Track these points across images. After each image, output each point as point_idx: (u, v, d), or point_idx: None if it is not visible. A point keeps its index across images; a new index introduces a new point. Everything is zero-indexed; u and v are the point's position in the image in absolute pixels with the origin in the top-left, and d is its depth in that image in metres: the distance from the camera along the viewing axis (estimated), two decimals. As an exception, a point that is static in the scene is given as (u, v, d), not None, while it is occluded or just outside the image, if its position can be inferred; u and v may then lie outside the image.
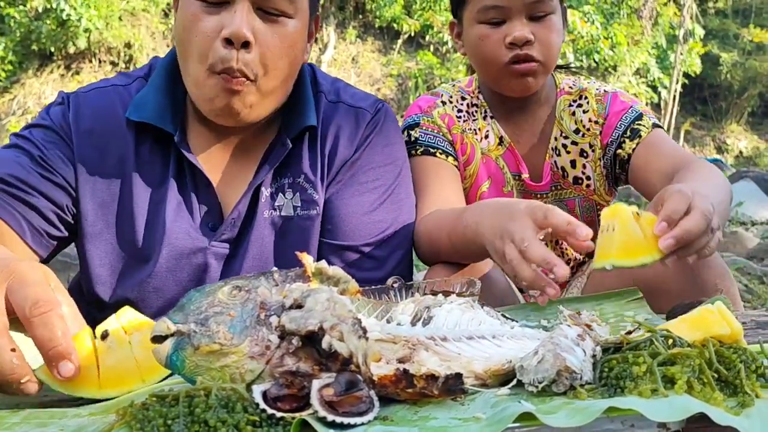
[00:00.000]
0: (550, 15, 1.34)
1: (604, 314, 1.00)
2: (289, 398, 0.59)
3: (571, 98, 1.48)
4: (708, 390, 0.61)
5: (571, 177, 1.46)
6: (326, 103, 1.24)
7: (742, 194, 6.08)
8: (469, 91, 1.50)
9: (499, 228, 0.96)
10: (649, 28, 11.22)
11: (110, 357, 0.72)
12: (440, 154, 1.39)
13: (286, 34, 1.09)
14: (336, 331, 0.61)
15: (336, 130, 1.22)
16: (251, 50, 1.05)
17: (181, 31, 1.09)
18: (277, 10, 1.08)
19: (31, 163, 1.10)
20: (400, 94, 10.72)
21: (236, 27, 1.03)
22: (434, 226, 1.22)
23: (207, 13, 1.06)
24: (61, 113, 1.16)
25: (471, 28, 1.37)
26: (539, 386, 0.63)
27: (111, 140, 1.15)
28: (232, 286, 0.69)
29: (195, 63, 1.08)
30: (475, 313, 0.77)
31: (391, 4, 9.99)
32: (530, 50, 1.31)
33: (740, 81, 12.54)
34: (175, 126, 1.15)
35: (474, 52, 1.39)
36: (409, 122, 1.45)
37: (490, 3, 1.32)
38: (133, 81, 1.21)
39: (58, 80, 9.61)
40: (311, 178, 1.19)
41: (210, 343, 0.64)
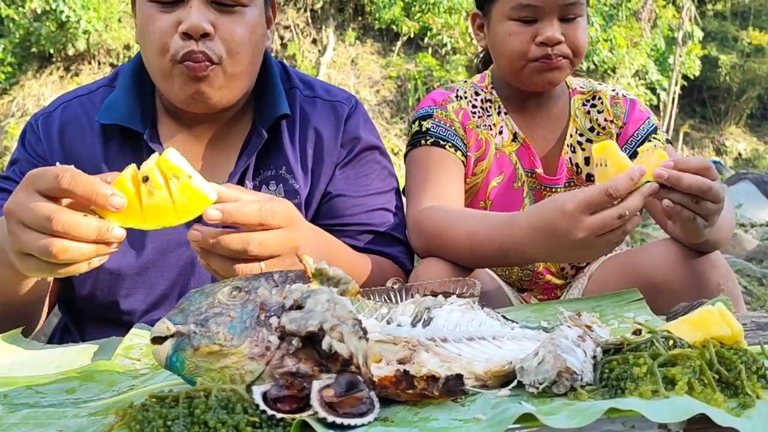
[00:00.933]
0: (579, 17, 1.35)
1: (604, 315, 1.00)
2: (289, 399, 0.59)
3: (584, 98, 1.50)
4: (709, 391, 0.61)
5: (584, 174, 1.47)
6: (302, 97, 1.27)
7: (742, 196, 6.08)
8: (483, 87, 1.50)
9: (563, 251, 1.02)
10: (648, 31, 11.23)
11: (150, 198, 0.79)
12: (449, 148, 1.39)
13: (244, 22, 1.11)
14: (336, 332, 0.61)
15: (316, 124, 1.25)
16: (212, 38, 1.07)
17: (140, 33, 1.12)
18: (231, 1, 1.09)
19: None
20: (399, 95, 10.71)
21: (193, 20, 1.05)
22: (447, 225, 1.21)
23: (163, 12, 1.08)
24: (35, 142, 1.21)
25: (500, 23, 1.37)
26: (540, 387, 0.62)
27: (79, 149, 1.18)
28: (232, 287, 0.69)
29: (156, 57, 1.10)
30: (475, 315, 0.77)
31: (391, 6, 9.99)
32: (559, 49, 1.34)
33: (739, 83, 12.55)
34: (144, 124, 1.17)
35: (500, 46, 1.39)
36: (422, 113, 1.45)
37: (525, 1, 1.33)
38: (96, 89, 1.25)
39: (58, 82, 9.61)
40: (292, 168, 1.22)
41: (210, 344, 0.64)
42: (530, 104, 1.47)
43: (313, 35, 10.89)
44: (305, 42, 10.79)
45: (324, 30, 10.91)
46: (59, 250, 0.77)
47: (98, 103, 1.21)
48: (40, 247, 0.78)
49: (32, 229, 0.79)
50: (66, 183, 0.77)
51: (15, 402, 0.71)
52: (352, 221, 1.24)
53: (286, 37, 10.59)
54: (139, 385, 0.76)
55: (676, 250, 1.23)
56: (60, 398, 0.73)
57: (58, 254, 0.77)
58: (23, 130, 1.24)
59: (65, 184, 0.77)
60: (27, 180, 0.81)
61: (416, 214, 1.28)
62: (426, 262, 1.21)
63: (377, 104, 10.41)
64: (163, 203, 0.78)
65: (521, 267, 1.47)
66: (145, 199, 0.78)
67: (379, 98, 10.61)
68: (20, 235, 0.79)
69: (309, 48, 10.83)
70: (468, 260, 1.19)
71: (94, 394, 0.73)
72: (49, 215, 0.77)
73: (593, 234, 0.97)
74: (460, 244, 1.17)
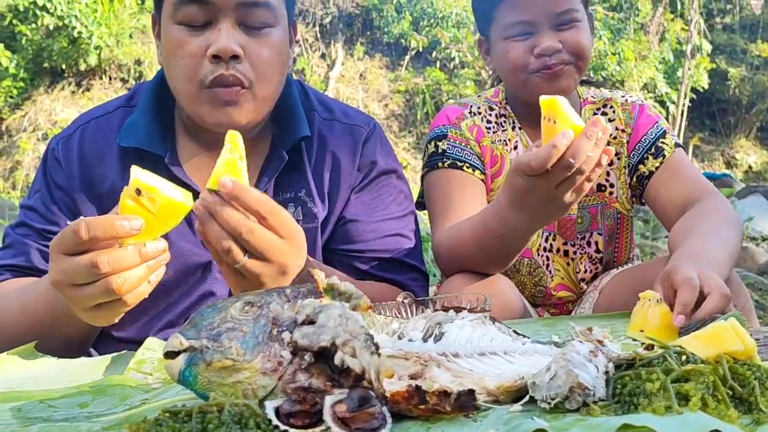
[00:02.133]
0: (576, 22, 1.35)
1: (615, 332, 0.99)
2: (301, 414, 0.59)
3: (595, 107, 1.50)
4: (722, 407, 0.61)
5: (595, 184, 1.47)
6: (320, 120, 1.27)
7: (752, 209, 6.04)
8: (497, 102, 1.50)
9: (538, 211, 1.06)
10: (656, 44, 11.23)
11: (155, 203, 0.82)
12: (467, 168, 1.39)
13: (272, 43, 1.11)
14: (348, 347, 0.61)
15: (334, 147, 1.24)
16: (241, 61, 1.07)
17: (167, 56, 1.11)
18: (260, 23, 1.10)
19: (38, 240, 1.17)
20: (407, 109, 10.75)
21: (223, 43, 1.05)
22: (457, 238, 1.24)
23: (191, 35, 1.08)
24: (54, 170, 1.21)
25: (498, 44, 1.38)
26: (552, 403, 0.62)
27: (99, 172, 1.19)
28: (245, 302, 0.69)
29: (185, 83, 1.10)
30: (486, 329, 0.77)
31: (399, 21, 10.05)
32: (559, 57, 1.33)
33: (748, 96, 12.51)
34: (165, 147, 1.17)
35: (502, 65, 1.40)
36: (437, 133, 1.45)
37: (516, 18, 1.33)
38: (114, 109, 1.25)
39: (69, 97, 9.70)
40: (311, 191, 1.22)
41: (222, 358, 0.64)
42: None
43: (321, 50, 10.97)
44: (314, 57, 10.86)
45: (333, 44, 10.98)
46: (119, 285, 0.81)
47: (116, 125, 1.21)
48: (102, 292, 0.82)
49: (85, 284, 0.83)
50: (85, 233, 0.81)
51: (29, 416, 0.72)
52: (365, 247, 1.24)
53: (295, 51, 10.65)
54: (151, 400, 0.76)
55: None
56: (73, 412, 0.73)
57: (119, 289, 0.82)
58: (44, 154, 1.24)
59: (84, 235, 0.81)
60: (53, 249, 0.85)
61: (436, 239, 1.30)
62: (452, 278, 1.22)
63: (386, 118, 10.44)
64: (169, 203, 0.83)
65: (534, 284, 1.47)
66: (152, 207, 0.82)
67: (388, 112, 10.65)
68: (79, 294, 0.84)
69: (318, 62, 10.90)
70: (482, 262, 1.20)
71: (106, 408, 0.74)
72: (91, 264, 0.81)
73: (549, 188, 1.00)
74: (471, 250, 1.19)
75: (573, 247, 1.48)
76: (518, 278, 1.47)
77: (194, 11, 1.07)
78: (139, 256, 0.82)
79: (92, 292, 0.83)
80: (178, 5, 1.07)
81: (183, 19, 1.08)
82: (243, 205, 0.85)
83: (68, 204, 1.19)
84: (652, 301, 0.97)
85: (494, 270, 1.24)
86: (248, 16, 1.08)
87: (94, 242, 0.81)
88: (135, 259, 0.82)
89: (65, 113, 9.28)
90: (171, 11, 1.09)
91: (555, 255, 1.47)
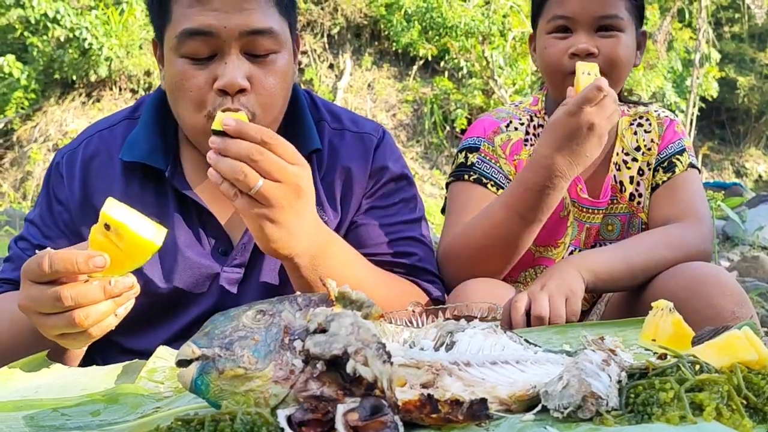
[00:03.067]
0: (618, 32, 1.34)
1: (627, 341, 0.99)
2: (313, 423, 0.59)
3: (631, 118, 1.50)
4: (737, 417, 0.60)
5: (627, 193, 1.47)
6: (330, 130, 1.26)
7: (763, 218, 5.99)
8: (536, 111, 1.49)
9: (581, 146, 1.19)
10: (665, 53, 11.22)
11: (122, 239, 0.83)
12: (491, 186, 1.39)
13: (277, 70, 1.10)
14: (360, 355, 0.61)
15: (345, 157, 1.24)
16: (247, 94, 1.06)
17: (172, 88, 1.10)
18: (265, 50, 1.08)
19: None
20: (415, 119, 10.77)
21: (230, 78, 1.04)
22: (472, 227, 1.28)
23: (197, 68, 1.06)
24: (56, 185, 1.22)
25: (541, 38, 1.39)
26: (564, 412, 0.62)
27: (100, 187, 1.19)
28: (256, 311, 0.69)
29: (191, 115, 1.09)
30: (498, 338, 0.77)
31: (408, 30, 10.08)
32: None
33: (758, 105, 12.46)
34: (167, 161, 1.17)
35: (540, 61, 1.41)
36: (470, 144, 1.44)
37: (558, 12, 1.34)
38: (118, 122, 1.24)
39: (80, 108, 9.78)
40: (322, 202, 1.21)
41: (234, 367, 0.64)
42: None
43: (330, 60, 11.01)
44: (322, 67, 10.90)
45: (341, 55, 11.03)
46: (81, 320, 0.83)
47: (119, 138, 1.21)
48: (66, 325, 0.84)
49: (50, 314, 0.85)
50: (47, 267, 0.82)
51: (41, 424, 0.72)
52: (376, 251, 1.23)
53: (303, 62, 10.71)
54: (163, 408, 0.76)
55: (688, 279, 1.21)
56: (85, 420, 0.73)
57: (82, 323, 0.83)
58: (49, 168, 1.24)
59: (47, 268, 0.82)
60: (23, 274, 0.87)
61: (445, 242, 1.32)
62: (466, 282, 1.21)
63: (393, 128, 10.46)
64: (136, 238, 0.83)
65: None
66: (119, 243, 0.83)
67: (396, 122, 10.67)
68: (45, 323, 0.86)
69: (326, 73, 10.94)
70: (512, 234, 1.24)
71: (119, 417, 0.74)
72: (55, 297, 0.82)
73: (594, 115, 1.15)
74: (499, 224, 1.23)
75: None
76: None
77: (199, 45, 1.05)
78: (103, 293, 0.83)
79: (56, 322, 0.85)
80: (181, 39, 1.05)
81: (187, 52, 1.06)
82: (248, 138, 0.90)
83: (67, 220, 1.19)
84: (664, 310, 0.97)
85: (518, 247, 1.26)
86: (253, 45, 1.06)
87: (57, 275, 0.83)
88: (99, 294, 0.83)
89: (75, 124, 9.35)
90: (174, 44, 1.07)
91: None
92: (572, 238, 1.44)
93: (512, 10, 9.36)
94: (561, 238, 1.43)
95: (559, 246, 1.44)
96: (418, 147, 10.43)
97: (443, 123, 10.35)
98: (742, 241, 5.53)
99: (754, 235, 5.62)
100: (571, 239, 1.43)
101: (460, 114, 9.80)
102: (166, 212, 1.18)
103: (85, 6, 9.42)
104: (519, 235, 1.24)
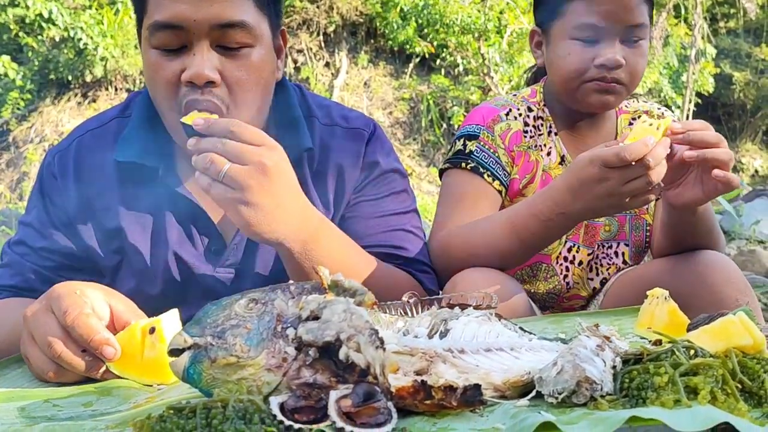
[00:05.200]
0: (642, 41, 1.32)
1: (623, 329, 0.99)
2: (306, 410, 0.58)
3: (630, 116, 1.48)
4: (732, 400, 0.60)
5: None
6: (321, 126, 1.25)
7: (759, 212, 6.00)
8: (534, 102, 1.47)
9: (598, 200, 1.10)
10: (660, 48, 11.22)
11: (152, 350, 0.83)
12: (488, 177, 1.37)
13: (250, 65, 1.08)
14: (353, 342, 0.61)
15: (336, 153, 1.23)
16: (218, 87, 1.05)
17: (147, 79, 1.11)
18: (237, 44, 1.06)
19: (36, 260, 1.18)
20: (412, 117, 10.76)
21: (197, 69, 1.03)
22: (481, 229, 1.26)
23: (167, 60, 1.06)
24: (50, 186, 1.21)
25: (561, 41, 1.34)
26: (559, 397, 0.62)
27: (95, 187, 1.18)
28: (249, 299, 0.69)
29: (164, 108, 1.09)
30: (492, 326, 0.76)
31: (405, 27, 10.06)
32: (617, 74, 1.30)
33: (753, 100, 12.47)
34: (160, 159, 1.16)
35: (558, 65, 1.36)
36: (469, 131, 1.42)
37: (588, 21, 1.29)
38: (109, 120, 1.23)
39: (75, 108, 9.75)
40: (313, 199, 1.20)
41: (227, 355, 0.64)
42: (582, 124, 1.44)
43: (326, 59, 10.99)
44: (318, 65, 10.88)
45: (337, 53, 11.01)
46: (53, 375, 0.85)
47: (111, 136, 1.20)
48: (38, 365, 0.86)
49: (37, 344, 0.85)
50: (69, 321, 0.82)
51: (33, 415, 0.72)
52: (367, 242, 1.22)
53: (299, 60, 10.70)
54: (156, 398, 0.76)
55: (692, 266, 1.21)
56: (77, 411, 0.73)
57: (51, 378, 0.85)
58: (40, 169, 1.23)
59: (69, 321, 0.82)
60: (48, 296, 0.87)
61: (441, 236, 1.30)
62: (464, 272, 1.20)
63: (390, 126, 10.45)
64: (163, 358, 0.79)
65: (548, 290, 1.45)
66: (147, 351, 0.83)
67: (392, 120, 10.66)
68: (27, 346, 0.87)
69: (322, 71, 10.92)
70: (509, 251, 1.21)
71: (111, 407, 0.73)
72: (50, 343, 0.83)
73: (618, 183, 1.06)
74: (498, 238, 1.21)
75: (597, 259, 1.47)
76: (534, 283, 1.46)
77: (168, 36, 1.04)
78: (85, 371, 0.84)
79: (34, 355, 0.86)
80: (152, 31, 1.05)
81: (158, 44, 1.06)
82: (216, 133, 0.95)
83: (64, 220, 1.18)
84: (660, 298, 0.97)
85: (512, 263, 1.24)
86: (224, 37, 1.05)
87: (71, 331, 0.83)
88: (79, 369, 0.84)
89: (71, 124, 9.32)
90: (147, 35, 1.07)
91: (576, 267, 1.45)
92: (569, 234, 1.43)
93: (508, 6, 9.35)
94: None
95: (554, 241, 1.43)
96: (415, 145, 10.42)
97: (440, 121, 10.34)
98: (739, 235, 5.54)
99: (751, 229, 5.63)
100: (568, 234, 1.42)
101: (457, 111, 9.79)
102: (160, 210, 1.17)
103: (80, 6, 9.39)
104: (516, 255, 1.23)
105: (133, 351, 0.82)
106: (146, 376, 0.83)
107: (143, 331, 0.83)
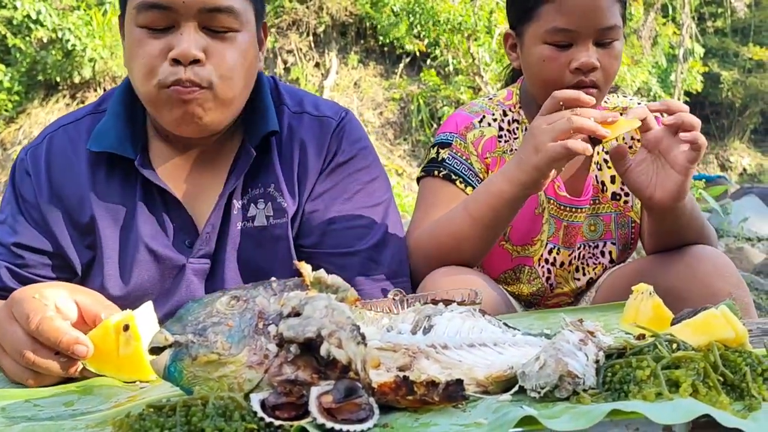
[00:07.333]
0: (615, 42, 1.31)
1: (608, 325, 0.99)
2: (287, 406, 0.58)
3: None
4: (714, 393, 0.60)
5: (609, 192, 1.45)
6: (290, 114, 1.24)
7: (747, 210, 6.05)
8: (510, 105, 1.46)
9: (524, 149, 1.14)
10: (649, 48, 11.28)
11: (127, 347, 0.82)
12: (460, 183, 1.37)
13: (236, 47, 1.10)
14: (334, 337, 0.61)
15: (302, 140, 1.22)
16: (203, 65, 1.06)
17: (129, 57, 1.11)
18: (223, 27, 1.08)
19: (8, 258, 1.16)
20: (402, 117, 10.76)
21: (184, 48, 1.04)
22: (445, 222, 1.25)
23: (153, 38, 1.07)
24: (21, 182, 1.20)
25: (534, 46, 1.32)
26: (542, 392, 0.62)
27: (66, 181, 1.17)
28: (230, 296, 0.68)
29: (144, 82, 1.09)
30: (476, 322, 0.76)
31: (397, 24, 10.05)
32: (594, 76, 1.29)
33: (741, 99, 12.57)
34: (135, 150, 1.16)
35: (534, 70, 1.35)
36: (443, 139, 1.42)
37: (561, 25, 1.28)
38: (83, 116, 1.23)
39: (64, 109, 9.68)
40: (281, 186, 1.19)
41: (208, 353, 0.63)
42: None
43: (316, 59, 10.98)
44: (308, 66, 10.87)
45: (327, 54, 11.00)
46: (33, 382, 0.84)
47: (85, 132, 1.19)
48: (14, 374, 0.86)
49: (9, 354, 0.85)
50: (34, 327, 0.81)
51: (13, 415, 0.71)
52: (326, 241, 1.19)
53: (289, 61, 10.68)
54: (138, 397, 0.75)
55: (685, 260, 1.21)
56: (58, 411, 0.72)
57: (32, 385, 0.84)
58: (13, 166, 1.22)
59: (33, 327, 0.81)
60: (8, 303, 0.86)
61: (412, 238, 1.30)
62: (436, 271, 1.20)
63: (381, 126, 10.45)
64: (139, 355, 0.81)
65: (532, 293, 1.45)
66: (122, 349, 0.82)
67: (383, 120, 10.66)
68: (0, 357, 0.87)
69: (312, 72, 10.90)
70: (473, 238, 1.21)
71: (92, 406, 0.73)
72: (21, 351, 0.83)
73: (543, 121, 1.11)
74: (457, 224, 1.21)
75: (582, 259, 1.47)
76: (517, 285, 1.46)
77: (156, 16, 1.06)
78: (62, 372, 0.83)
79: (9, 365, 0.86)
80: (139, 9, 1.06)
81: (144, 22, 1.07)
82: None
83: (36, 217, 1.17)
84: (644, 293, 0.97)
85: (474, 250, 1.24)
86: (211, 20, 1.07)
87: (38, 337, 0.82)
88: (56, 372, 0.83)
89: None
90: (133, 14, 1.08)
91: (557, 269, 1.45)
92: (549, 235, 1.42)
93: (498, 6, 9.36)
94: (537, 235, 1.42)
95: (536, 243, 1.43)
96: (406, 145, 10.42)
97: (430, 120, 10.35)
98: (727, 233, 5.57)
99: (739, 226, 5.67)
100: (548, 236, 1.42)
101: (447, 111, 9.80)
102: (132, 202, 1.16)
103: (68, 7, 9.34)
104: (473, 239, 1.22)
105: (108, 348, 0.82)
106: (124, 373, 0.83)
107: (117, 329, 0.82)
